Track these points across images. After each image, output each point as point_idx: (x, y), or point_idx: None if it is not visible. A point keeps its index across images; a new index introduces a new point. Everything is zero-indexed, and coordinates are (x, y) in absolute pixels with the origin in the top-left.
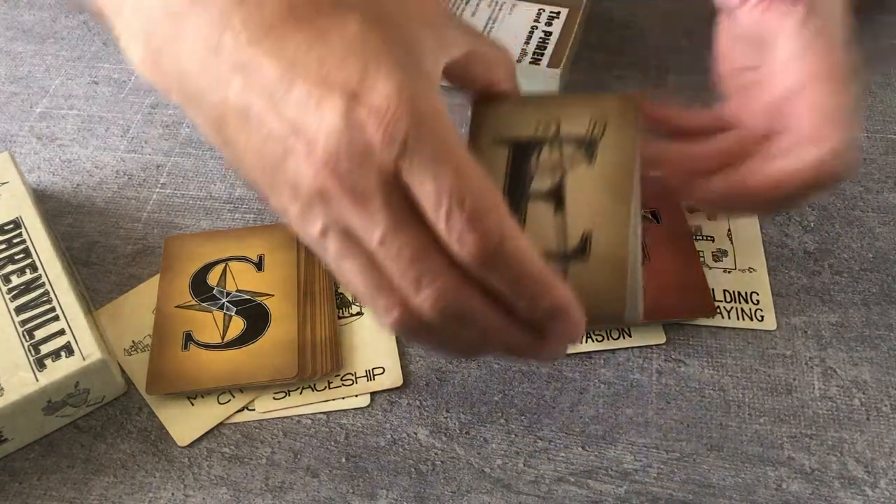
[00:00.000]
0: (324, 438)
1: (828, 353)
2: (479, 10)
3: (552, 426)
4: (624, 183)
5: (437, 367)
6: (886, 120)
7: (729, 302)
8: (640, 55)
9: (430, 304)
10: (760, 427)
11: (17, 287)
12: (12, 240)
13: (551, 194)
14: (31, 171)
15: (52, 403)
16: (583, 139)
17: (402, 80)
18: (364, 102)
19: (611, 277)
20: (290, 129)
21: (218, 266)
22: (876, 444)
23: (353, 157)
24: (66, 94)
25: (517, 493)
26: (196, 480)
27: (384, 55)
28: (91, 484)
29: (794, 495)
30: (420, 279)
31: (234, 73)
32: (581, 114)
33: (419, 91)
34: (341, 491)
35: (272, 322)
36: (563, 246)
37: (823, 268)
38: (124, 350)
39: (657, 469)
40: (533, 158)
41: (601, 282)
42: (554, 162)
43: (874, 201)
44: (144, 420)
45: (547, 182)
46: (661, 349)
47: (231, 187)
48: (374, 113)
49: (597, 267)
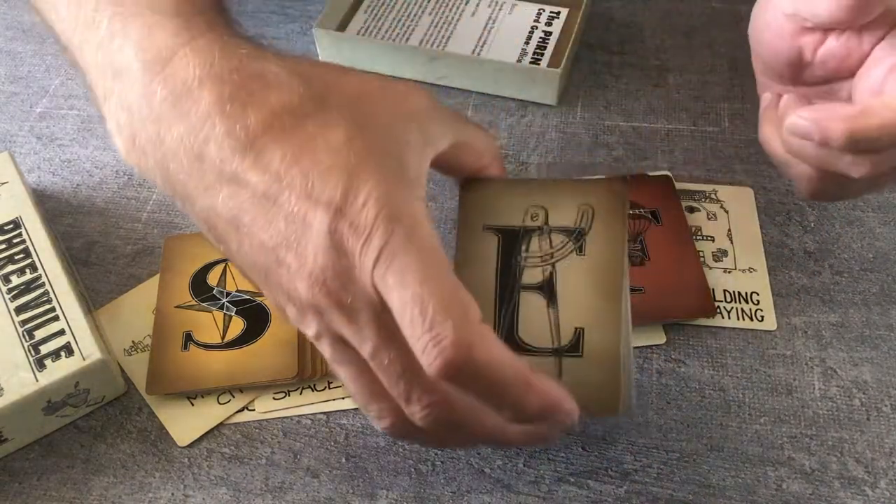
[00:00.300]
0: (324, 438)
1: (828, 354)
2: (479, 10)
3: None
4: (613, 279)
5: None
6: None
7: (729, 302)
8: (640, 55)
9: (420, 417)
10: (761, 427)
11: (16, 287)
12: (12, 240)
13: (543, 287)
14: (30, 171)
15: (52, 403)
16: (571, 230)
17: (385, 192)
18: (347, 217)
19: (605, 375)
20: (280, 241)
21: (218, 266)
22: (876, 444)
23: (339, 275)
24: (65, 93)
25: (517, 494)
26: (196, 480)
27: (368, 165)
28: (91, 484)
29: (795, 495)
30: (409, 393)
31: (220, 184)
32: (568, 203)
33: (400, 201)
34: (341, 491)
35: (272, 322)
36: (556, 340)
37: (824, 268)
38: (124, 350)
39: (657, 469)
40: (522, 248)
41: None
42: (544, 252)
43: (874, 201)
44: (144, 420)
45: (538, 274)
46: (661, 349)
47: None
48: (355, 229)
49: (591, 364)
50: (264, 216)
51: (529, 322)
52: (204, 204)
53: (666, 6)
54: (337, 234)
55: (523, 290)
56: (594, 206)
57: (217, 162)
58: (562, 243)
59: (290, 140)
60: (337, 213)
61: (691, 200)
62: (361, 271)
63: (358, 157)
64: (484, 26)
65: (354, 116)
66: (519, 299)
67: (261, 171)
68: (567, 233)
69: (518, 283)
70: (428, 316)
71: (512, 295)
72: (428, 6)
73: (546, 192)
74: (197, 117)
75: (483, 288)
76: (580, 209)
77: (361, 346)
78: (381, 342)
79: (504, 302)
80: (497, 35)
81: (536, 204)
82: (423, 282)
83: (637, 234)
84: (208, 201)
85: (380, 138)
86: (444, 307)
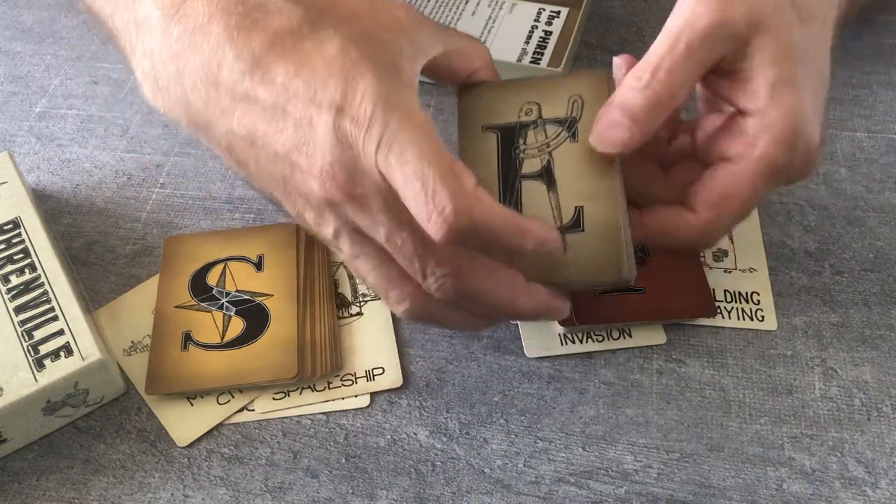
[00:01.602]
0: (323, 439)
1: (828, 354)
2: (479, 10)
3: (552, 426)
4: (606, 159)
5: (437, 367)
6: (887, 120)
7: (729, 302)
8: (639, 55)
9: (436, 288)
10: (761, 427)
11: (16, 287)
12: (11, 240)
13: (542, 175)
14: (30, 170)
15: (52, 404)
16: (564, 120)
17: (379, 88)
18: (348, 113)
19: (606, 245)
20: (292, 146)
21: (217, 266)
22: (877, 444)
23: (346, 166)
24: (65, 93)
25: (517, 494)
26: (195, 481)
27: (362, 68)
28: (90, 484)
29: (795, 496)
30: (424, 268)
31: (234, 104)
32: (558, 96)
33: (395, 95)
34: (341, 491)
35: (272, 322)
36: (559, 220)
37: (824, 268)
38: (123, 350)
39: (657, 469)
40: (520, 142)
41: (598, 250)
42: (540, 143)
43: (875, 201)
44: (144, 420)
45: (536, 164)
46: (661, 349)
47: (231, 187)
48: (356, 122)
49: (592, 237)
50: (275, 126)
51: (533, 208)
52: (223, 128)
53: (666, 6)
54: (340, 129)
55: (524, 180)
56: (583, 96)
57: (230, 84)
58: (556, 133)
59: (292, 57)
60: (338, 112)
61: None
62: (366, 159)
63: (353, 63)
64: (484, 26)
65: (347, 33)
66: (521, 188)
67: (268, 86)
68: (560, 123)
69: (519, 173)
70: (429, 188)
71: (514, 185)
72: (428, 6)
73: (537, 89)
74: (209, 48)
75: (487, 184)
76: (570, 99)
77: (376, 232)
78: (393, 225)
79: (507, 193)
80: (497, 34)
81: (530, 101)
82: (421, 157)
83: None
84: (226, 124)
85: (372, 48)
86: (441, 178)
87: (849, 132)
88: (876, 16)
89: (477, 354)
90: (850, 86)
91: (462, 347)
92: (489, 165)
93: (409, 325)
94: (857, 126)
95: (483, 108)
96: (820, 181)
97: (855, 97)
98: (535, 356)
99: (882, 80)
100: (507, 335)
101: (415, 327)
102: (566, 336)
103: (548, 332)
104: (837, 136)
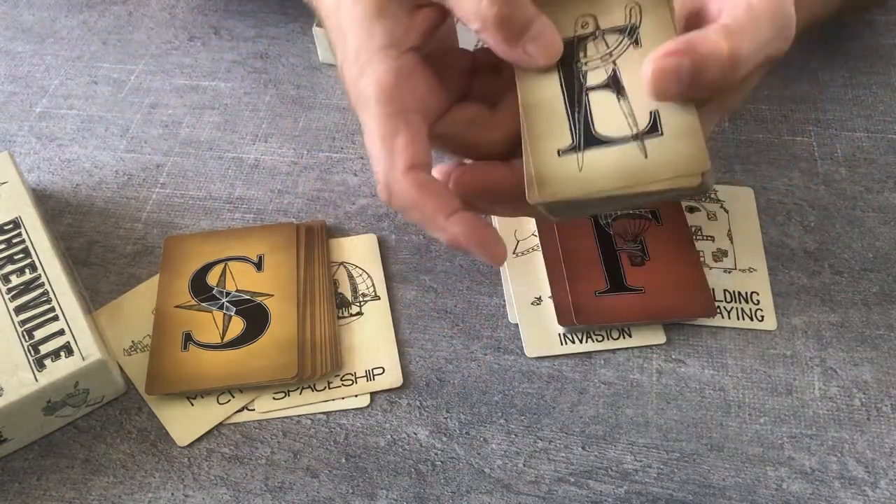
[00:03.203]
0: (323, 438)
1: (828, 353)
2: None
3: (552, 426)
4: None
5: (437, 367)
6: (886, 120)
7: (729, 302)
8: None
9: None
10: (761, 427)
11: (16, 287)
12: (12, 240)
13: (609, 83)
14: (30, 170)
15: (52, 403)
16: (623, 28)
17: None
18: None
19: (688, 145)
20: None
21: (217, 266)
22: (876, 444)
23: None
24: (65, 93)
25: (517, 494)
26: (196, 480)
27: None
28: (91, 484)
29: (795, 495)
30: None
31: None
32: (613, 5)
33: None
34: (341, 491)
35: (272, 322)
36: (634, 127)
37: (824, 268)
38: (124, 350)
39: (657, 469)
40: (580, 55)
41: (680, 150)
42: (602, 54)
43: (874, 201)
44: (144, 420)
45: (601, 74)
46: (661, 349)
47: (231, 187)
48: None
49: (672, 138)
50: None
51: (604, 117)
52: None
53: None
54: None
55: (591, 91)
56: (639, 2)
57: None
58: (617, 41)
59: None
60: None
61: (691, 200)
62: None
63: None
64: None
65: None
66: (589, 100)
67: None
68: (620, 31)
69: (584, 86)
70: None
71: (581, 99)
72: None
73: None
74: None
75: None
76: (627, 7)
77: None
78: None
79: (574, 107)
80: None
81: (584, 13)
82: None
83: (637, 235)
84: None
85: None
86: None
87: (849, 132)
88: (876, 16)
89: (477, 354)
90: (850, 86)
91: (462, 347)
92: (551, 82)
93: (410, 325)
94: (857, 126)
95: None
96: (820, 181)
97: (855, 97)
98: (535, 356)
99: (882, 80)
100: (507, 335)
101: (415, 327)
102: (566, 336)
103: (548, 332)
104: (837, 136)
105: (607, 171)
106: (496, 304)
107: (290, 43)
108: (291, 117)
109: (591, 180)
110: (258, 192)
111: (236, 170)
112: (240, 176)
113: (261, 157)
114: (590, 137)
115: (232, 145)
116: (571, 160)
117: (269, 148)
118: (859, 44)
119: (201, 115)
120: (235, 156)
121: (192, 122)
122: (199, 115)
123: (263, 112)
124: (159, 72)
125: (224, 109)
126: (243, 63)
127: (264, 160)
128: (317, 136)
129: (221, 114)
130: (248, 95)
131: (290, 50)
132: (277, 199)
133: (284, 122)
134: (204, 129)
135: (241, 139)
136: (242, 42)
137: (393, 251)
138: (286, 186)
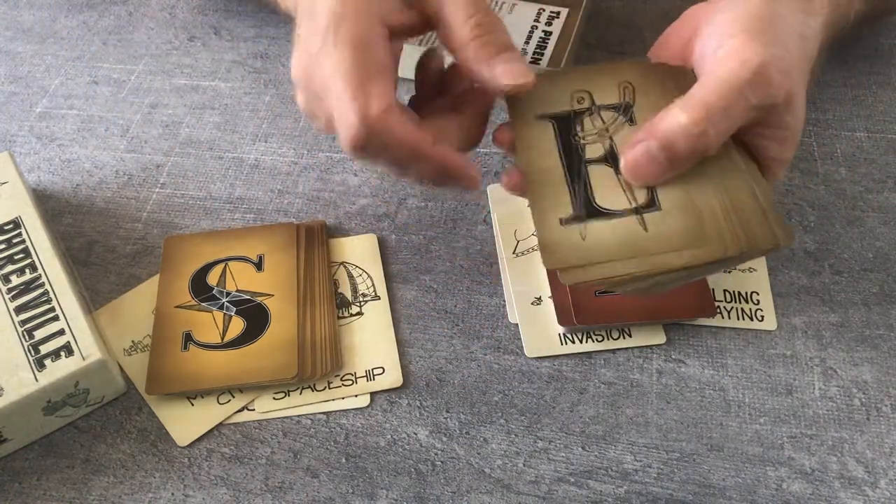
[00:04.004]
0: (324, 438)
1: (828, 353)
2: None
3: (552, 426)
4: None
5: (437, 367)
6: (886, 120)
7: (729, 302)
8: (640, 55)
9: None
10: (761, 427)
11: (16, 287)
12: (12, 240)
13: (607, 158)
14: (30, 170)
15: (52, 403)
16: (618, 105)
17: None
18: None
19: (686, 222)
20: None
21: (218, 266)
22: (876, 444)
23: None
24: (65, 93)
25: (517, 493)
26: (196, 480)
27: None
28: (91, 484)
29: (795, 495)
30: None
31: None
32: (608, 84)
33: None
34: (341, 491)
35: (272, 322)
36: (633, 201)
37: (823, 268)
38: (124, 350)
39: (657, 469)
40: (577, 129)
41: (678, 226)
42: (599, 129)
43: (874, 201)
44: (144, 420)
45: (599, 149)
46: (661, 349)
47: (231, 187)
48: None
49: (671, 214)
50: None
51: (603, 190)
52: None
53: (666, 6)
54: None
55: (590, 164)
56: (632, 82)
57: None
58: (613, 118)
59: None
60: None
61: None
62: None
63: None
64: None
65: None
66: (588, 172)
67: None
68: (615, 108)
69: (583, 158)
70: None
71: (580, 169)
72: None
73: (585, 78)
74: None
75: (550, 168)
76: (620, 86)
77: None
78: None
79: (574, 177)
80: None
81: (579, 89)
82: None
83: None
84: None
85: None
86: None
87: (848, 132)
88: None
89: (477, 354)
90: (850, 86)
91: (462, 347)
92: (550, 150)
93: (410, 325)
94: (857, 126)
95: (533, 98)
96: (820, 181)
97: (855, 97)
98: (535, 356)
99: (882, 80)
100: (507, 335)
101: (415, 327)
102: (566, 336)
103: (548, 332)
104: (837, 136)
105: (609, 241)
106: (496, 304)
107: (290, 43)
108: (291, 117)
109: (594, 250)
110: (258, 192)
111: (236, 170)
112: (240, 176)
113: (261, 157)
114: (591, 209)
115: (232, 145)
116: (574, 230)
117: (269, 148)
118: (859, 44)
119: (201, 115)
120: (235, 156)
121: (192, 122)
122: (199, 115)
123: (263, 112)
124: (159, 72)
125: (224, 109)
126: (243, 63)
127: (264, 160)
128: (317, 136)
129: (221, 114)
130: (248, 95)
131: (290, 50)
132: (277, 199)
133: (284, 122)
134: (204, 130)
135: (241, 139)
136: (242, 42)
137: (393, 251)
138: (286, 186)
